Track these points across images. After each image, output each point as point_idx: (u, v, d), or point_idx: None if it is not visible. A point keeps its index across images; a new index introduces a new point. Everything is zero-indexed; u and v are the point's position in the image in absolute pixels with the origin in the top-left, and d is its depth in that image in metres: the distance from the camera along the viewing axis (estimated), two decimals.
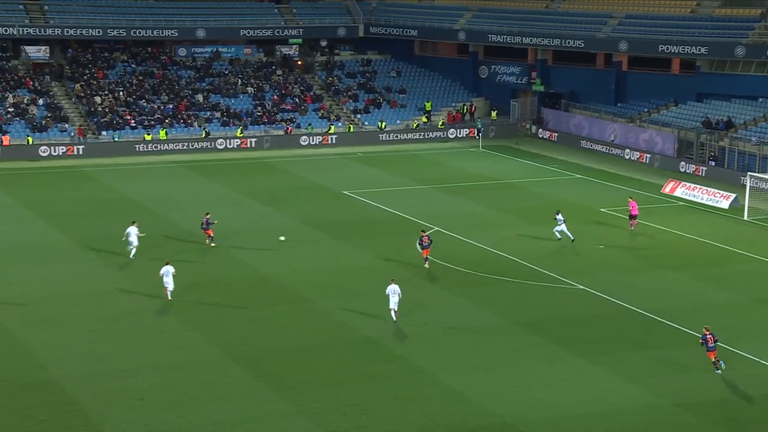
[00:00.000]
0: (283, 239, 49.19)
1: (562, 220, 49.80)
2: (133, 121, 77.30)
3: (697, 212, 57.87)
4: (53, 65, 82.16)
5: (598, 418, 30.39)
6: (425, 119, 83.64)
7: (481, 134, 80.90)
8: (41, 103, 77.83)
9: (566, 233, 49.79)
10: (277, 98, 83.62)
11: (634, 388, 32.50)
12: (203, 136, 76.68)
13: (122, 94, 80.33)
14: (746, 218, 56.05)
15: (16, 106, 76.76)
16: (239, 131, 77.49)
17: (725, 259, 48.29)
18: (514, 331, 37.70)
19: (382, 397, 31.55)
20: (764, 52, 71.11)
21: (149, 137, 75.09)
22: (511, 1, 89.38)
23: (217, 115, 79.95)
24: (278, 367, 33.83)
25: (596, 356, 35.11)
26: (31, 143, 72.34)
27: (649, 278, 44.83)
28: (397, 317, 38.18)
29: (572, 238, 49.64)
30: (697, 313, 38.48)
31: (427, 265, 45.43)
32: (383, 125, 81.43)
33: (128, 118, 77.45)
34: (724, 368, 33.57)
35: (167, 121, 77.83)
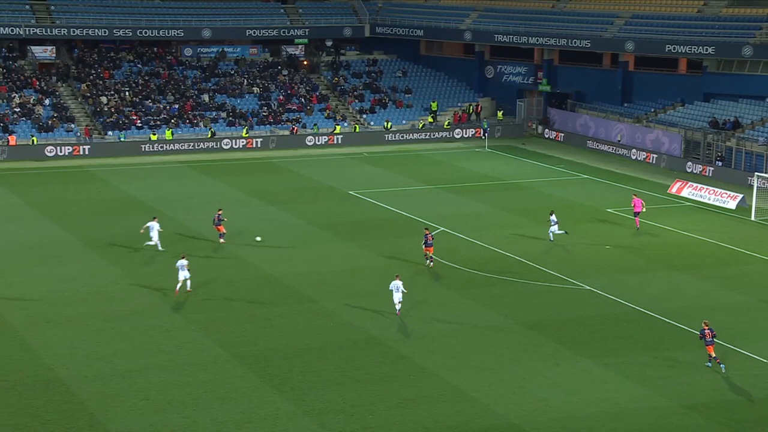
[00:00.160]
0: (259, 239, 48.99)
1: (555, 221, 49.75)
2: (139, 121, 77.36)
3: (704, 213, 57.70)
4: (59, 65, 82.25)
5: (604, 419, 30.29)
6: (431, 119, 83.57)
7: (487, 134, 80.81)
8: (47, 103, 77.91)
9: (558, 232, 49.76)
10: (282, 98, 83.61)
11: (640, 389, 32.39)
12: (209, 136, 76.70)
13: (128, 94, 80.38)
14: (753, 219, 55.87)
15: (22, 106, 76.85)
16: (245, 131, 77.49)
17: (732, 259, 48.14)
18: (519, 331, 37.61)
19: (387, 397, 31.49)
20: None
21: (155, 137, 75.15)
22: (517, 1, 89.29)
23: (222, 115, 79.97)
24: (283, 367, 33.78)
25: (602, 357, 35.01)
26: (35, 143, 72.44)
27: (655, 279, 44.70)
28: (399, 313, 38.34)
29: (565, 232, 49.87)
30: (704, 313, 38.27)
31: (431, 264, 45.40)
32: (389, 125, 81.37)
33: (134, 118, 77.52)
34: (724, 372, 33.56)
35: (173, 121, 77.86)
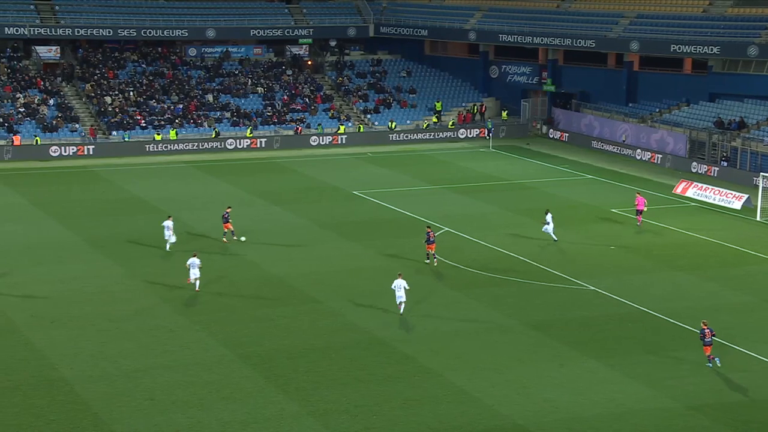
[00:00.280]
0: (243, 239, 48.99)
1: (550, 220, 49.67)
2: (143, 121, 77.38)
3: (709, 213, 57.58)
4: (64, 65, 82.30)
5: (609, 419, 30.22)
6: (435, 119, 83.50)
7: (491, 134, 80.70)
8: (52, 103, 77.95)
9: (550, 233, 49.63)
10: (287, 98, 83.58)
11: (645, 390, 32.32)
12: (213, 136, 76.70)
13: (132, 94, 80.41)
14: (759, 219, 55.75)
15: (27, 106, 76.91)
16: (249, 131, 77.47)
17: (737, 260, 48.03)
18: (524, 331, 37.55)
19: (392, 398, 31.44)
20: None
21: (159, 137, 75.15)
22: (522, 0, 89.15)
23: (227, 115, 79.96)
24: (288, 367, 33.75)
25: (607, 358, 34.93)
26: (38, 143, 72.47)
27: (660, 279, 44.62)
28: (402, 311, 38.49)
29: (556, 239, 49.60)
30: (709, 314, 38.20)
31: (435, 262, 45.40)
32: (393, 125, 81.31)
33: (138, 118, 77.54)
34: (719, 366, 33.64)
35: (177, 121, 77.86)
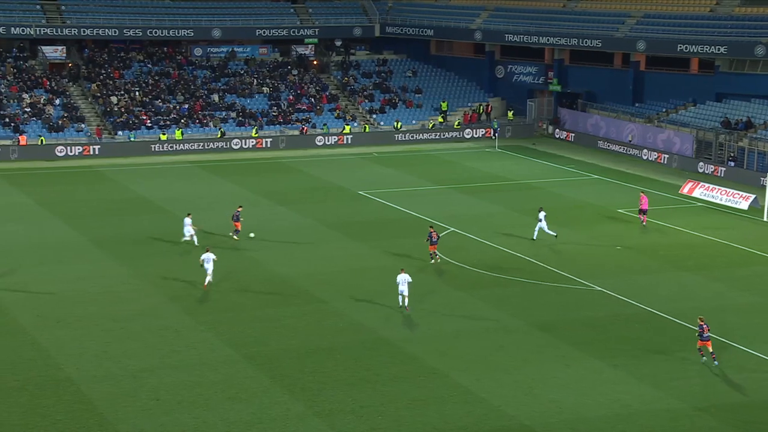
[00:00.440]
0: (252, 235, 49.28)
1: (542, 217, 49.54)
2: (149, 121, 77.41)
3: (715, 213, 57.44)
4: (70, 65, 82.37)
5: (615, 420, 30.14)
6: (441, 119, 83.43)
7: (497, 134, 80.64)
8: (58, 103, 78.04)
9: (535, 231, 49.52)
10: (292, 98, 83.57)
11: (652, 390, 32.22)
12: (219, 136, 76.71)
13: (138, 94, 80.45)
14: (766, 219, 55.60)
15: (33, 106, 77.00)
16: (254, 131, 77.47)
17: (744, 260, 47.90)
18: (529, 332, 37.48)
19: (397, 398, 31.39)
20: None
21: (165, 137, 75.19)
22: (528, 0, 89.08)
23: (232, 115, 79.97)
24: (293, 367, 33.72)
25: (613, 358, 34.84)
26: (43, 143, 72.53)
27: (666, 279, 44.50)
28: (406, 305, 38.61)
29: (534, 238, 49.43)
30: (715, 314, 38.11)
31: (438, 259, 45.46)
32: (399, 125, 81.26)
33: (144, 118, 77.58)
34: (712, 365, 33.94)
35: (183, 121, 77.89)
